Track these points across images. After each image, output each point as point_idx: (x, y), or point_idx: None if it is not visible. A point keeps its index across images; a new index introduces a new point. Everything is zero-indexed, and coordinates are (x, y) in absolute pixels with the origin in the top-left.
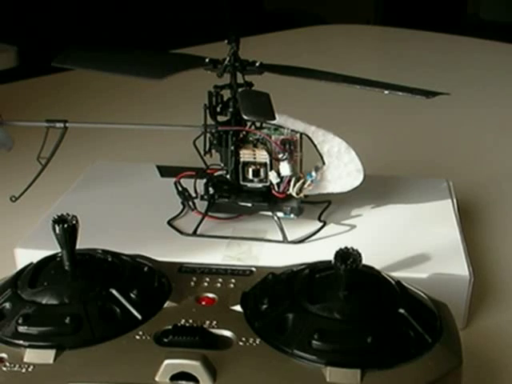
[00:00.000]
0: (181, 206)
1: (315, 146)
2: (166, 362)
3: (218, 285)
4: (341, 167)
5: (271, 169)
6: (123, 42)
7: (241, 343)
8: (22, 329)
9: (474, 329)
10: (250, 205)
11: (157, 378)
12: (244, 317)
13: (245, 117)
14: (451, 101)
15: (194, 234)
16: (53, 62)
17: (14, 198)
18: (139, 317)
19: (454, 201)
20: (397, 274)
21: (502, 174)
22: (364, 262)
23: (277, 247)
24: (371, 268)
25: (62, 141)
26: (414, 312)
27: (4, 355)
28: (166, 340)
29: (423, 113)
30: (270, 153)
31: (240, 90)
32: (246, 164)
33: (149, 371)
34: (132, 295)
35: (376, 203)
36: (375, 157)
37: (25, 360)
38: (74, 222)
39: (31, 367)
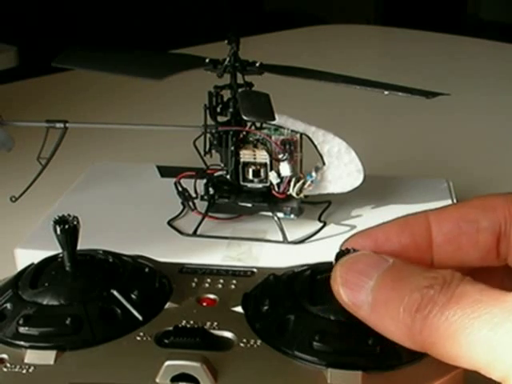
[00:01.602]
0: (181, 207)
1: (315, 146)
2: (167, 363)
3: (219, 286)
4: (341, 167)
5: (271, 169)
6: (123, 42)
7: (242, 344)
8: (22, 329)
9: None
10: (250, 205)
11: (157, 380)
12: (245, 318)
13: (245, 117)
14: (451, 101)
15: (194, 234)
16: (53, 62)
17: (14, 198)
18: (140, 318)
19: (454, 201)
20: None
21: (503, 174)
22: None
23: (277, 247)
24: None
25: (62, 141)
26: None
27: (5, 356)
28: (166, 341)
29: (423, 113)
30: (270, 153)
31: (240, 90)
32: (246, 164)
33: (149, 372)
34: (133, 296)
35: (376, 203)
36: (375, 157)
37: (25, 361)
38: (75, 222)
39: (32, 368)
